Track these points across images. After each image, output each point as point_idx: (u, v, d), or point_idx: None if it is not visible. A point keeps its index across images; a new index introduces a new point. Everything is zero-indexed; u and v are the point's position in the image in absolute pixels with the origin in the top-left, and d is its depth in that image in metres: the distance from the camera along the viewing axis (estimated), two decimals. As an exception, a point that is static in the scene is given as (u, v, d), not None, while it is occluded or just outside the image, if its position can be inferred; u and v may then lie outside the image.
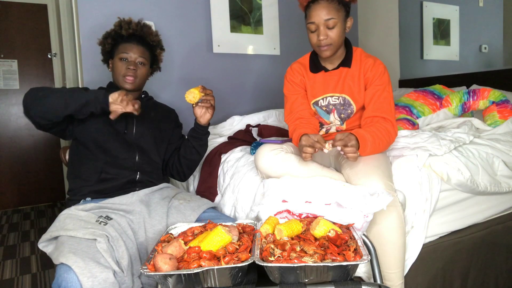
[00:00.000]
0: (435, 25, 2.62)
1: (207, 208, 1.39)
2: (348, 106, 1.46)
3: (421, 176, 1.31)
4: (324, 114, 1.51)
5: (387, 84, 1.41)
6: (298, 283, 0.86)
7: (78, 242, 1.08)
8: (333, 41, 1.35)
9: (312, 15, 1.34)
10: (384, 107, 1.37)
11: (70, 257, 1.00)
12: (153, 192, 1.41)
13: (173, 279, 0.84)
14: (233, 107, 2.57)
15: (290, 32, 2.78)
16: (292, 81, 1.52)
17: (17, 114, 3.58)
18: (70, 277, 0.97)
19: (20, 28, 3.50)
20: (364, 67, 1.43)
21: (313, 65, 1.49)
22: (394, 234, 1.16)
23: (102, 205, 1.28)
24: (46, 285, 2.03)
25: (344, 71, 1.45)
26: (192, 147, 1.54)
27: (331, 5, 1.32)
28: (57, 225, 1.19)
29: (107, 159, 1.40)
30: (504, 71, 2.15)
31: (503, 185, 1.47)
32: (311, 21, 1.34)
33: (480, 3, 2.37)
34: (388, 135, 1.32)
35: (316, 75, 1.49)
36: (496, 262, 1.57)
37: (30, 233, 2.87)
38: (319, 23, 1.33)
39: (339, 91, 1.46)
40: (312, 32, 1.37)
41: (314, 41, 1.38)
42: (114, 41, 1.50)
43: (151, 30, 1.53)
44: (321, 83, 1.48)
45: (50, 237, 1.15)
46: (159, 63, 1.62)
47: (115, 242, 1.13)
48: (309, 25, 1.36)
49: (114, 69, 1.49)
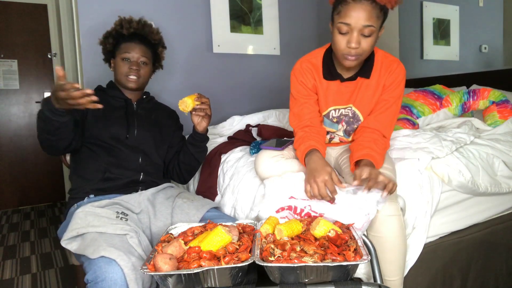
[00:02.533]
0: (435, 25, 2.62)
1: (210, 208, 1.39)
2: (356, 121, 1.36)
3: (422, 179, 1.31)
4: (332, 124, 1.39)
5: (398, 96, 1.29)
6: (298, 283, 0.86)
7: (111, 237, 1.09)
8: (364, 52, 1.16)
9: (349, 15, 1.11)
10: (387, 123, 1.28)
11: (112, 251, 1.00)
12: (157, 192, 1.41)
13: (173, 279, 0.84)
14: (233, 107, 2.57)
15: (290, 32, 2.78)
16: (304, 84, 1.33)
17: (17, 114, 3.58)
18: (113, 269, 0.97)
19: (20, 28, 3.50)
20: (385, 73, 1.28)
21: (328, 72, 1.30)
22: (396, 242, 1.15)
23: (115, 201, 1.28)
24: (46, 285, 2.03)
25: (360, 81, 1.29)
26: (191, 154, 1.53)
27: (374, 10, 1.11)
28: (79, 222, 1.17)
29: (111, 160, 1.40)
30: (504, 71, 2.15)
31: (503, 186, 1.47)
32: (346, 21, 1.12)
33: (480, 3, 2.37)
34: (384, 151, 1.27)
35: (330, 83, 1.31)
36: (496, 262, 1.57)
37: (30, 233, 2.87)
38: (355, 27, 1.12)
39: (351, 103, 1.32)
40: (341, 33, 1.15)
41: (341, 46, 1.16)
42: (115, 40, 1.50)
43: (152, 29, 1.52)
44: (335, 92, 1.32)
45: (77, 234, 1.14)
46: (161, 61, 1.61)
47: (140, 236, 1.14)
48: (340, 25, 1.13)
49: (116, 69, 1.48)
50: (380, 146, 1.24)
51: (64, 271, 2.18)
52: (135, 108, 1.52)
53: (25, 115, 3.60)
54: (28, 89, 3.59)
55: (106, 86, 1.55)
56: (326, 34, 2.88)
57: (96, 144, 1.40)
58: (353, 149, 1.26)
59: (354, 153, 1.24)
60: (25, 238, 2.77)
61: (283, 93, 1.56)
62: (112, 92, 1.51)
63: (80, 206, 1.24)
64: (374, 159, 1.18)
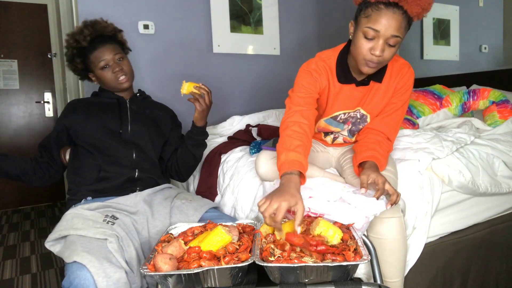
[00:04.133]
0: (435, 25, 2.62)
1: (209, 208, 1.39)
2: (363, 121, 1.34)
3: (423, 179, 1.31)
4: (338, 124, 1.36)
5: (406, 101, 1.28)
6: (298, 283, 0.86)
7: (89, 241, 1.08)
8: (384, 61, 1.13)
9: (379, 22, 1.06)
10: (392, 126, 1.27)
11: (84, 256, 1.00)
12: (155, 193, 1.41)
13: (173, 279, 0.84)
14: (233, 107, 2.57)
15: (290, 32, 2.78)
16: (318, 81, 1.24)
17: (17, 114, 3.58)
18: (83, 274, 0.97)
19: (20, 28, 3.49)
20: (396, 77, 1.26)
21: (343, 75, 1.24)
22: (396, 244, 1.15)
23: (108, 204, 1.28)
24: (46, 285, 2.03)
25: (374, 86, 1.26)
26: (187, 148, 1.53)
27: (404, 20, 1.07)
28: (64, 224, 1.18)
29: (104, 158, 1.40)
30: (504, 71, 2.15)
31: (503, 186, 1.47)
32: (376, 28, 1.07)
33: (480, 3, 2.37)
34: (388, 154, 1.27)
35: (344, 87, 1.26)
36: (496, 262, 1.57)
37: (30, 233, 2.87)
38: (383, 35, 1.07)
39: (360, 106, 1.30)
40: (367, 38, 1.10)
41: (364, 51, 1.11)
42: (82, 57, 1.47)
43: (102, 23, 1.48)
44: (347, 96, 1.28)
45: (59, 236, 1.15)
46: (126, 44, 1.58)
47: (124, 241, 1.13)
48: (368, 29, 1.08)
49: (102, 80, 1.47)
50: (384, 149, 1.23)
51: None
52: (128, 105, 1.52)
53: (25, 115, 3.60)
54: (28, 89, 3.59)
55: (99, 90, 1.55)
56: (326, 34, 2.89)
57: (90, 143, 1.40)
58: (357, 150, 1.25)
59: (358, 154, 1.23)
60: (25, 238, 2.76)
61: (283, 93, 1.55)
62: (104, 94, 1.52)
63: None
64: (379, 161, 1.17)
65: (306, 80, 1.24)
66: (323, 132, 1.43)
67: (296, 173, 1.05)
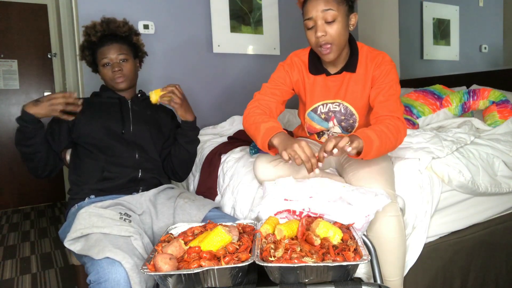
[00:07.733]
0: (435, 25, 2.62)
1: (211, 208, 1.39)
2: (350, 116, 1.34)
3: (422, 179, 1.31)
4: (321, 122, 1.38)
5: (394, 82, 1.26)
6: (298, 283, 0.86)
7: (116, 238, 1.09)
8: (333, 39, 1.19)
9: (308, 10, 1.19)
10: (391, 105, 1.22)
11: (118, 252, 1.01)
12: (158, 193, 1.41)
13: (173, 279, 0.84)
14: (233, 107, 2.57)
15: (290, 32, 2.78)
16: (289, 74, 1.37)
17: (17, 114, 3.53)
18: (116, 270, 0.98)
19: (20, 28, 3.50)
20: (371, 66, 1.28)
21: (313, 66, 1.34)
22: (395, 243, 1.15)
23: (118, 202, 1.28)
24: (46, 285, 2.03)
25: (347, 76, 1.31)
26: (180, 145, 1.53)
27: None
28: (83, 223, 1.17)
29: (107, 158, 1.40)
30: (504, 71, 2.15)
31: (503, 186, 1.47)
32: (308, 16, 1.19)
33: (480, 3, 2.37)
34: (397, 132, 1.15)
35: (316, 78, 1.35)
36: (496, 262, 1.57)
37: (30, 233, 2.87)
38: (316, 17, 1.18)
39: (340, 98, 1.33)
40: (309, 29, 1.22)
41: (312, 40, 1.23)
42: (91, 50, 1.49)
43: (117, 22, 1.49)
44: (321, 87, 1.34)
45: (81, 235, 1.14)
46: (143, 48, 1.58)
47: (144, 238, 1.14)
48: (306, 21, 1.21)
49: (102, 76, 1.50)
50: (383, 123, 1.16)
51: (64, 271, 2.18)
52: (130, 105, 1.52)
53: (25, 115, 3.61)
54: (28, 89, 3.59)
55: (100, 90, 1.55)
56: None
57: (93, 144, 1.40)
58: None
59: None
60: (25, 238, 2.77)
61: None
62: (106, 94, 1.52)
63: (82, 207, 1.23)
64: (365, 135, 1.09)
65: (277, 74, 1.40)
66: (316, 134, 1.44)
67: (283, 133, 1.15)
